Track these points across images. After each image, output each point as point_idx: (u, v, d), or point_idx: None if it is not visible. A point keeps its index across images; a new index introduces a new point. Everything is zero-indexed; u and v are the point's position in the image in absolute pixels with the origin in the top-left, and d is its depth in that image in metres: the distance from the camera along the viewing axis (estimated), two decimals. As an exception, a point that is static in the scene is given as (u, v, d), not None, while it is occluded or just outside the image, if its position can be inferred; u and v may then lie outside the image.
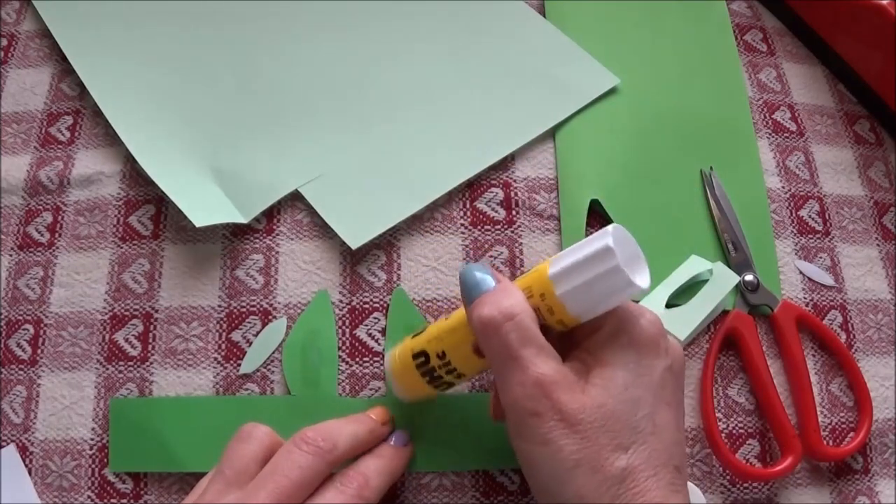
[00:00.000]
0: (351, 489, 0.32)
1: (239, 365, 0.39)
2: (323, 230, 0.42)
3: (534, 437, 0.29)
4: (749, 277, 0.41)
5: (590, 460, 0.28)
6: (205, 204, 0.41)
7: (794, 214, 0.45)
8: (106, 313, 0.40)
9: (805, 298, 0.42)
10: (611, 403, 0.29)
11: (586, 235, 0.42)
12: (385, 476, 0.33)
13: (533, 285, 0.30)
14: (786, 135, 0.47)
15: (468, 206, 0.43)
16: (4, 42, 0.48)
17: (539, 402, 0.28)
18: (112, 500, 0.37)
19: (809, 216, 0.45)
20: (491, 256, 0.42)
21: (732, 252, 0.42)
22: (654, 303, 0.40)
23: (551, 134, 0.45)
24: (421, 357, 0.33)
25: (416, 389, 0.34)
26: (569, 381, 0.29)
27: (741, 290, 0.41)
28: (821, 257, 0.44)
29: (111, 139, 0.44)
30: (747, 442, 0.39)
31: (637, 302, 0.39)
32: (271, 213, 0.42)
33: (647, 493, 0.28)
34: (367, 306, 0.40)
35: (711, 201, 0.43)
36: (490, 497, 0.37)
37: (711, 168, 0.44)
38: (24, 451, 0.38)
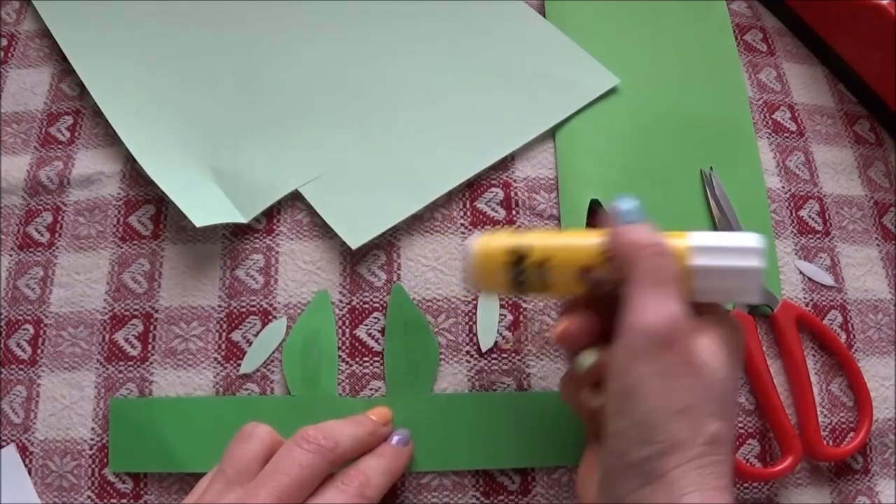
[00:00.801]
0: (352, 488, 0.32)
1: (239, 365, 0.39)
2: (323, 230, 0.42)
3: (655, 365, 0.28)
4: (749, 277, 0.41)
5: (695, 412, 0.28)
6: (205, 204, 0.41)
7: (794, 214, 0.45)
8: (106, 313, 0.40)
9: (805, 298, 0.42)
10: (723, 371, 0.29)
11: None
12: (386, 476, 0.34)
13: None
14: (786, 135, 0.47)
15: (468, 205, 0.43)
16: (4, 42, 0.48)
17: (674, 334, 0.28)
18: (112, 500, 0.37)
19: (809, 216, 0.45)
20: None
21: (732, 252, 0.42)
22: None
23: (551, 134, 0.45)
24: (516, 257, 0.33)
25: (491, 283, 0.34)
26: (694, 336, 0.29)
27: (741, 289, 0.41)
28: (821, 257, 0.44)
29: (111, 139, 0.44)
30: (747, 442, 0.39)
31: None
32: (271, 213, 0.42)
33: (724, 469, 0.28)
34: (367, 306, 0.40)
35: (711, 201, 0.43)
36: (490, 497, 0.37)
37: (711, 168, 0.44)
38: (24, 451, 0.38)
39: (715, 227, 0.43)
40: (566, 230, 0.33)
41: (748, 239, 0.30)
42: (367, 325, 0.40)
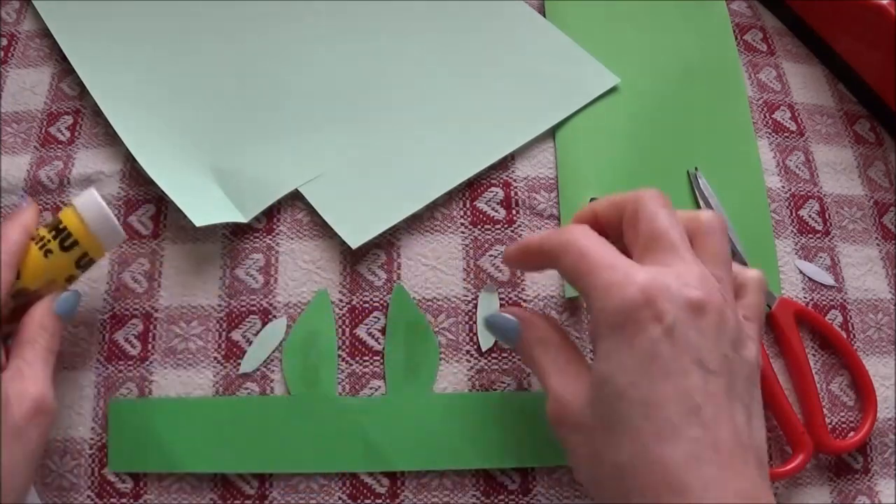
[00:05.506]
0: None
1: (239, 364, 0.39)
2: (323, 230, 0.42)
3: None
4: (745, 276, 0.41)
5: None
6: (205, 203, 0.41)
7: (794, 214, 0.45)
8: (106, 313, 0.40)
9: (805, 298, 0.42)
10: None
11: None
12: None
13: None
14: (786, 134, 0.47)
15: (468, 205, 0.43)
16: (4, 42, 0.48)
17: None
18: (112, 500, 0.37)
19: (809, 216, 0.45)
20: (491, 256, 0.42)
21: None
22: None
23: (551, 133, 0.45)
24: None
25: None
26: None
27: (740, 289, 0.41)
28: (821, 257, 0.44)
29: (111, 139, 0.44)
30: (747, 441, 0.39)
31: None
32: (271, 213, 0.42)
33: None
34: (367, 305, 0.40)
35: (701, 202, 0.43)
36: (490, 497, 0.37)
37: (696, 168, 0.44)
38: (23, 450, 0.38)
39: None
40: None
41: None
42: (367, 325, 0.40)
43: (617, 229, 0.33)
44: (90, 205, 0.36)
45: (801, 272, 0.43)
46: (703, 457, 0.27)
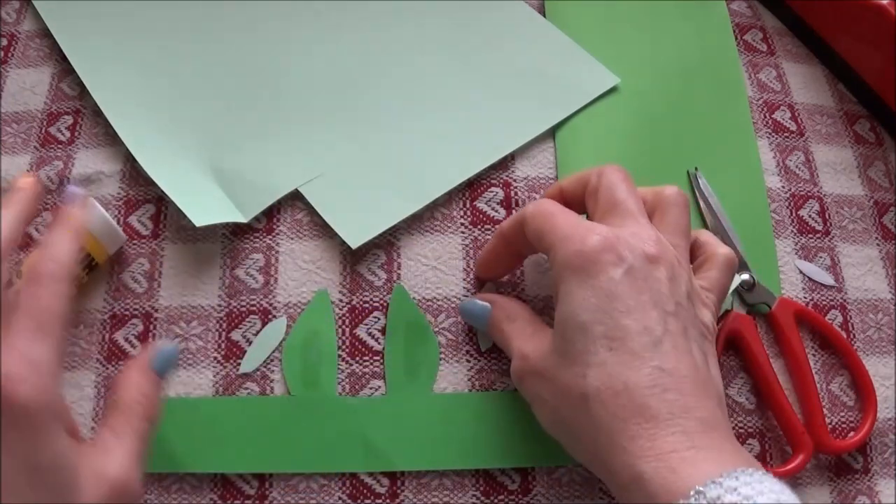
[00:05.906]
0: None
1: (239, 364, 0.39)
2: (323, 230, 0.42)
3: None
4: (745, 276, 0.41)
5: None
6: (205, 203, 0.41)
7: (794, 214, 0.45)
8: (106, 313, 0.40)
9: (805, 298, 0.42)
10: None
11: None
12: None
13: None
14: (786, 134, 0.47)
15: (468, 205, 0.43)
16: (4, 42, 0.48)
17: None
18: (112, 500, 0.37)
19: (809, 216, 0.45)
20: (491, 256, 0.42)
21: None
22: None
23: (551, 133, 0.45)
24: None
25: None
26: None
27: (737, 289, 0.41)
28: (821, 257, 0.44)
29: (111, 139, 0.44)
30: (747, 442, 0.39)
31: None
32: (271, 213, 0.42)
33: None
34: (367, 305, 0.40)
35: (701, 202, 0.43)
36: (490, 497, 0.37)
37: (697, 168, 0.44)
38: (23, 450, 0.38)
39: (706, 227, 0.43)
40: None
41: None
42: (367, 325, 0.40)
43: (581, 203, 0.36)
44: (89, 210, 0.37)
45: (801, 272, 0.43)
46: (666, 385, 0.29)
